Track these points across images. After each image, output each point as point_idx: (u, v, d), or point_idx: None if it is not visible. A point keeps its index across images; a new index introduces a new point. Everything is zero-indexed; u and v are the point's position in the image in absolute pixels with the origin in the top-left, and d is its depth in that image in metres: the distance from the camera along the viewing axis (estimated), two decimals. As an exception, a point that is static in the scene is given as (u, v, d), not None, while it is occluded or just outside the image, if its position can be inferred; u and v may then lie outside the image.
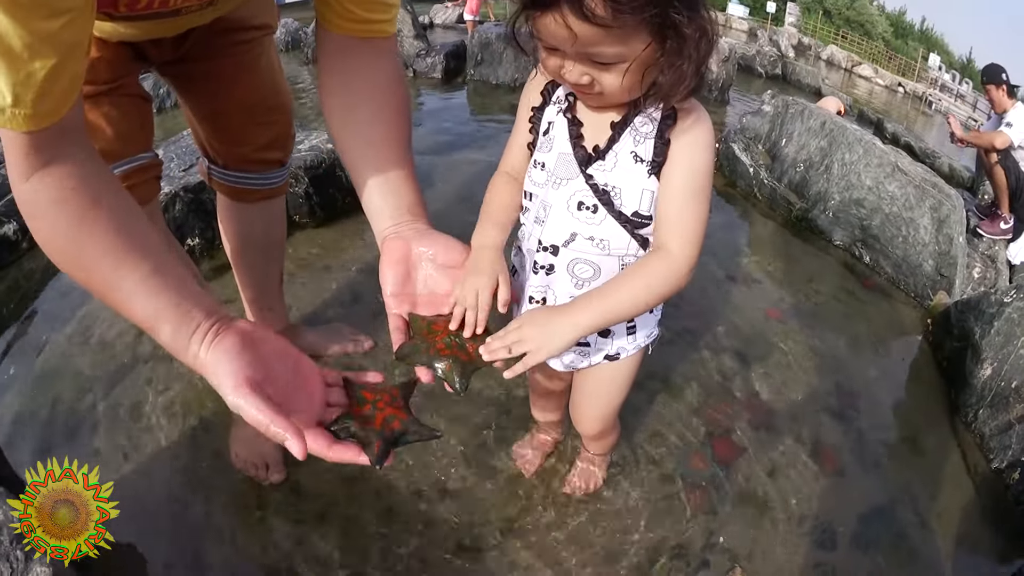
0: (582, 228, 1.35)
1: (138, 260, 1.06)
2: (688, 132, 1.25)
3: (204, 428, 2.21)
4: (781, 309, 3.10)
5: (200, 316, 1.06)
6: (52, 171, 1.02)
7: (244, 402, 0.96)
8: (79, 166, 1.05)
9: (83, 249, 1.05)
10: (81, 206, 1.05)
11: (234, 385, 0.98)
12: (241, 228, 2.13)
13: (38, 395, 2.36)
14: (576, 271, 1.40)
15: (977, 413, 2.57)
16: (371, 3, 1.39)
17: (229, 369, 1.00)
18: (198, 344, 1.04)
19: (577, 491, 2.05)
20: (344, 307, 2.77)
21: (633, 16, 1.00)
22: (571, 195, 1.34)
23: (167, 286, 1.07)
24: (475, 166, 4.26)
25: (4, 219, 3.24)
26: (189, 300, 1.07)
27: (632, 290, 1.26)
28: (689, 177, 1.26)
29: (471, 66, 6.72)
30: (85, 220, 1.04)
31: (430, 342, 1.23)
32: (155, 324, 1.06)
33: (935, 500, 2.30)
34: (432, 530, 1.93)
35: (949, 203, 3.52)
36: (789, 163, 4.32)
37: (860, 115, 11.58)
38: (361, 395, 1.16)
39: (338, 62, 1.43)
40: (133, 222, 1.10)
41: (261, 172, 2.02)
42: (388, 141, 1.41)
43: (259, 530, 1.92)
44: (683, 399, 2.46)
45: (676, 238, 1.26)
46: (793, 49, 23.00)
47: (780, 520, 2.08)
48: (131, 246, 1.07)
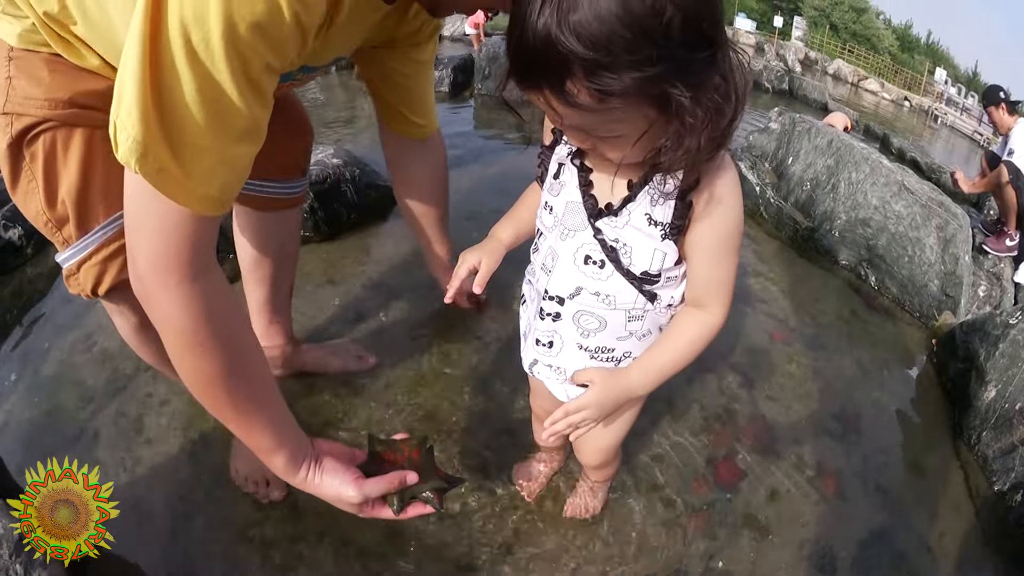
0: (588, 283, 1.33)
1: (271, 400, 1.31)
2: (714, 191, 1.17)
3: (204, 443, 2.22)
4: (786, 330, 3.10)
5: (307, 449, 1.36)
6: (216, 279, 1.15)
7: (370, 489, 1.36)
8: (227, 284, 1.19)
9: (233, 376, 1.20)
10: (241, 330, 1.23)
11: (356, 488, 1.35)
12: (258, 239, 2.12)
13: (40, 402, 2.37)
14: (581, 322, 1.40)
15: (980, 435, 2.57)
16: (416, 108, 2.00)
17: (344, 480, 1.35)
18: (306, 471, 1.35)
19: (578, 515, 2.04)
20: (348, 323, 2.77)
21: (623, 101, 0.92)
22: (578, 247, 1.32)
23: (288, 423, 1.34)
24: (480, 182, 4.26)
25: (9, 224, 3.24)
26: (297, 433, 1.35)
27: (676, 351, 1.36)
28: (721, 240, 1.23)
29: (478, 80, 6.72)
30: (244, 349, 1.22)
31: (377, 467, 1.43)
32: (271, 454, 1.31)
33: (936, 522, 2.29)
34: (431, 552, 1.93)
35: (955, 222, 3.51)
36: (796, 182, 4.32)
37: (866, 130, 11.56)
38: (383, 456, 1.45)
39: (402, 157, 2.16)
40: (260, 352, 1.30)
41: (281, 181, 2.03)
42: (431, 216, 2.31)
43: (257, 547, 1.93)
44: (686, 421, 2.45)
45: (712, 299, 1.31)
46: (800, 64, 23.05)
47: (780, 544, 2.08)
48: (267, 383, 1.30)
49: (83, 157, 1.41)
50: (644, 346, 1.42)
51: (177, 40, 0.92)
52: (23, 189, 1.44)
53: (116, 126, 0.97)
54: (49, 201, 1.43)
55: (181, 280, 1.07)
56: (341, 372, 2.49)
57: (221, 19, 0.91)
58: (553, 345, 1.48)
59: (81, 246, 1.49)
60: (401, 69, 1.87)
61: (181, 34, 0.91)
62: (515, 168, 4.64)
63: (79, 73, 1.39)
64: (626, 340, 1.42)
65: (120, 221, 1.46)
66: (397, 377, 2.50)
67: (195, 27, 0.91)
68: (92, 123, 1.41)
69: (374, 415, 2.33)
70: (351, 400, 2.38)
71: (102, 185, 1.45)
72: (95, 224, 1.47)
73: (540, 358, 1.54)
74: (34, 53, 1.36)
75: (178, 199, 1.02)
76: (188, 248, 1.06)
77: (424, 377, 2.51)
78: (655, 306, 1.35)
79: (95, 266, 1.50)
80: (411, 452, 1.46)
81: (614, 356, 1.45)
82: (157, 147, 0.96)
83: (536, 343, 1.51)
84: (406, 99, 1.99)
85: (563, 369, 1.52)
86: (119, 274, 1.51)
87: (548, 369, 1.55)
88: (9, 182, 1.44)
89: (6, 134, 1.37)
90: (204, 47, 0.93)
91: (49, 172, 1.41)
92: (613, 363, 1.46)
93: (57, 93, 1.36)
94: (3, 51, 1.36)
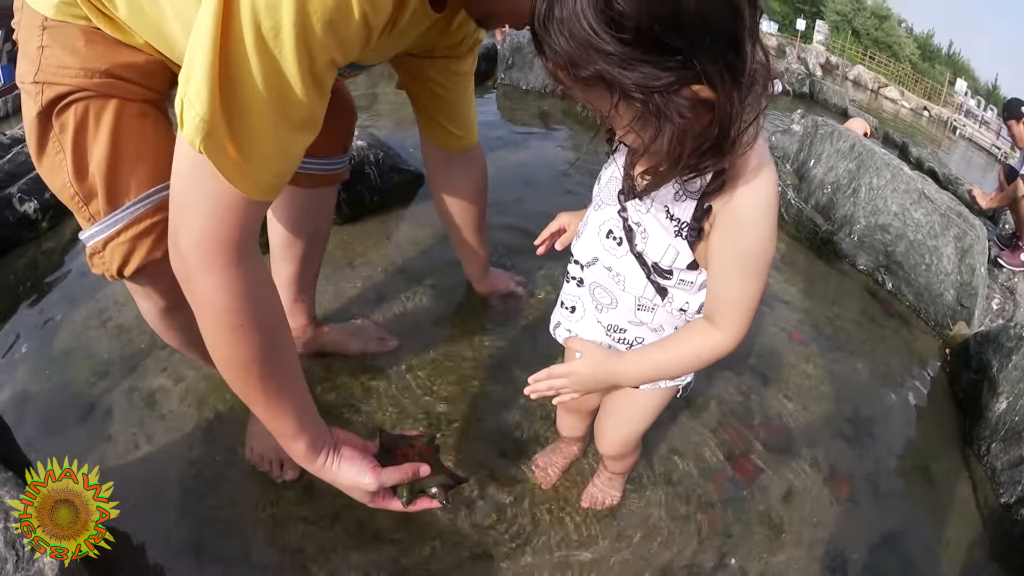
0: (604, 256, 1.37)
1: (298, 386, 1.34)
2: (739, 204, 1.12)
3: (219, 420, 2.21)
4: (803, 332, 3.11)
5: (326, 436, 1.40)
6: (258, 263, 1.17)
7: (387, 478, 1.40)
8: (268, 273, 1.22)
9: (266, 360, 1.22)
10: (277, 316, 1.25)
11: (374, 476, 1.39)
12: (293, 217, 2.12)
13: (51, 375, 2.37)
14: (596, 295, 1.44)
15: (990, 447, 2.57)
16: (455, 119, 2.06)
17: (361, 468, 1.40)
18: (325, 457, 1.39)
19: (594, 505, 2.06)
20: (368, 305, 2.77)
21: (584, 83, 0.95)
22: (604, 220, 1.35)
23: (311, 410, 1.37)
24: (503, 173, 4.23)
25: (25, 197, 3.26)
26: (318, 420, 1.39)
27: (679, 356, 1.33)
28: (740, 257, 1.17)
29: (501, 70, 6.69)
30: (278, 333, 1.24)
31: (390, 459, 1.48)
32: (292, 439, 1.34)
33: (943, 531, 2.30)
34: (446, 537, 1.94)
35: (973, 233, 3.51)
36: (817, 184, 4.31)
37: (885, 137, 11.50)
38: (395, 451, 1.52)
39: (441, 168, 2.26)
40: (293, 343, 1.33)
41: (324, 157, 2.03)
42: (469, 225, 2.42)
43: (270, 527, 1.93)
44: (703, 419, 2.47)
45: (723, 318, 1.24)
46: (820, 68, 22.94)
47: (793, 544, 2.09)
48: (295, 370, 1.33)
49: (115, 129, 1.39)
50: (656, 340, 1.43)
51: (248, 25, 0.93)
52: (50, 160, 1.40)
53: (183, 104, 0.98)
54: (78, 173, 1.39)
55: (228, 263, 1.09)
56: (361, 353, 2.49)
57: (293, 11, 0.94)
58: (575, 311, 1.53)
59: (109, 222, 1.44)
60: (439, 79, 1.91)
61: (252, 19, 0.93)
62: (538, 157, 4.65)
63: (118, 46, 1.38)
64: (639, 327, 1.44)
65: (152, 198, 1.44)
66: (417, 361, 2.50)
67: (266, 15, 0.93)
68: (127, 95, 1.40)
69: (393, 398, 2.33)
70: (370, 382, 2.38)
71: (133, 160, 1.42)
72: (125, 200, 1.42)
73: (563, 321, 1.59)
74: (71, 24, 1.34)
75: (234, 181, 1.04)
76: (237, 231, 1.08)
77: (444, 362, 2.52)
78: (665, 303, 1.36)
79: (123, 244, 1.45)
80: (421, 448, 1.53)
81: (626, 339, 1.47)
82: (220, 128, 0.98)
83: (561, 305, 1.57)
84: (444, 110, 2.02)
85: (580, 337, 1.55)
86: (148, 254, 1.46)
87: (568, 334, 1.58)
88: (35, 152, 1.41)
89: (36, 103, 1.34)
90: (274, 37, 0.95)
91: (79, 143, 1.38)
92: (625, 345, 1.48)
93: (94, 63, 1.34)
94: (36, 21, 1.34)
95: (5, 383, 2.35)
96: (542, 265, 3.06)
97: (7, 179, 3.39)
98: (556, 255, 1.68)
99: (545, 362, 1.61)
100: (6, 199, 3.24)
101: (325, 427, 1.41)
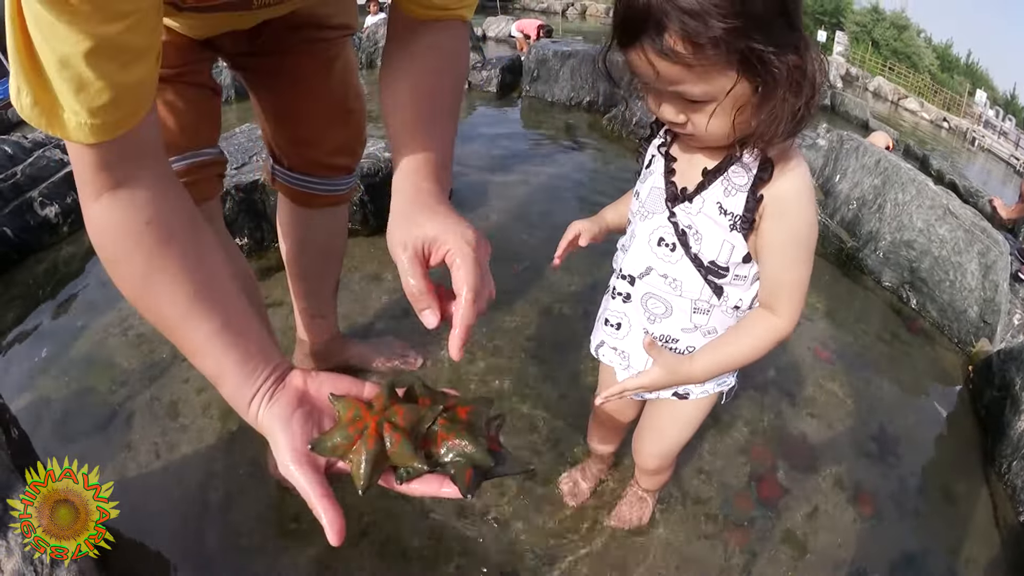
0: (658, 264, 1.39)
1: (208, 312, 1.02)
2: (786, 189, 1.22)
3: (243, 432, 2.21)
4: (829, 349, 3.11)
5: (262, 376, 1.02)
6: (125, 195, 0.98)
7: (293, 478, 0.90)
8: (155, 195, 1.01)
9: (151, 291, 1.02)
10: (155, 242, 1.00)
11: (288, 460, 0.91)
12: (301, 233, 2.11)
13: (70, 382, 2.38)
14: (649, 305, 1.45)
15: (1011, 465, 2.56)
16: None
17: (283, 439, 0.94)
18: (257, 404, 1.00)
19: (623, 524, 2.07)
20: (394, 320, 2.79)
21: (715, 53, 1.01)
22: (654, 229, 1.38)
23: (234, 344, 1.03)
24: (528, 185, 4.28)
25: (47, 202, 3.31)
26: (254, 359, 1.02)
27: (744, 346, 1.36)
28: (791, 240, 1.26)
29: (527, 82, 6.73)
30: (154, 259, 1.00)
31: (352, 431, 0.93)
32: (219, 381, 1.04)
33: (964, 550, 2.30)
34: (472, 554, 1.94)
35: (997, 249, 3.50)
36: (842, 200, 4.32)
37: (906, 150, 11.48)
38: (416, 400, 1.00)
39: (406, 35, 1.33)
40: (208, 265, 1.06)
41: (327, 177, 1.98)
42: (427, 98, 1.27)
43: (294, 543, 1.93)
44: (730, 436, 2.48)
45: (782, 304, 1.31)
46: (841, 79, 22.89)
47: (817, 563, 2.10)
48: (202, 295, 1.03)
49: None
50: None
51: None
52: None
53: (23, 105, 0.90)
54: None
55: (85, 199, 0.98)
56: (386, 371, 2.49)
57: None
58: (621, 327, 1.54)
59: None
60: None
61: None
62: (563, 169, 4.67)
63: None
64: (691, 333, 1.45)
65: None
66: (441, 379, 2.50)
67: None
68: None
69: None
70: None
71: None
72: None
73: (607, 339, 1.60)
74: None
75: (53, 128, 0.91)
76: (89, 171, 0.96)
77: (469, 381, 2.52)
78: (721, 302, 1.39)
79: None
80: (457, 407, 0.98)
81: (677, 348, 1.48)
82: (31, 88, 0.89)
83: (605, 323, 1.57)
84: None
85: (627, 354, 1.57)
86: None
87: (612, 352, 1.60)
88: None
89: None
90: None
91: None
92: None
93: None
94: None
95: (24, 389, 2.36)
96: (571, 282, 3.05)
97: (29, 183, 3.44)
98: (584, 268, 1.68)
99: (574, 382, 1.63)
100: (27, 203, 3.28)
101: (269, 367, 1.02)
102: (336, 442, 0.92)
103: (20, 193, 3.39)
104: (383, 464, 0.90)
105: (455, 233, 1.01)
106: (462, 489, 0.89)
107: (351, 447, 0.91)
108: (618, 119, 5.84)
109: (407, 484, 0.91)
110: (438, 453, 0.91)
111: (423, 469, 0.90)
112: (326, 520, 0.86)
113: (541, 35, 13.15)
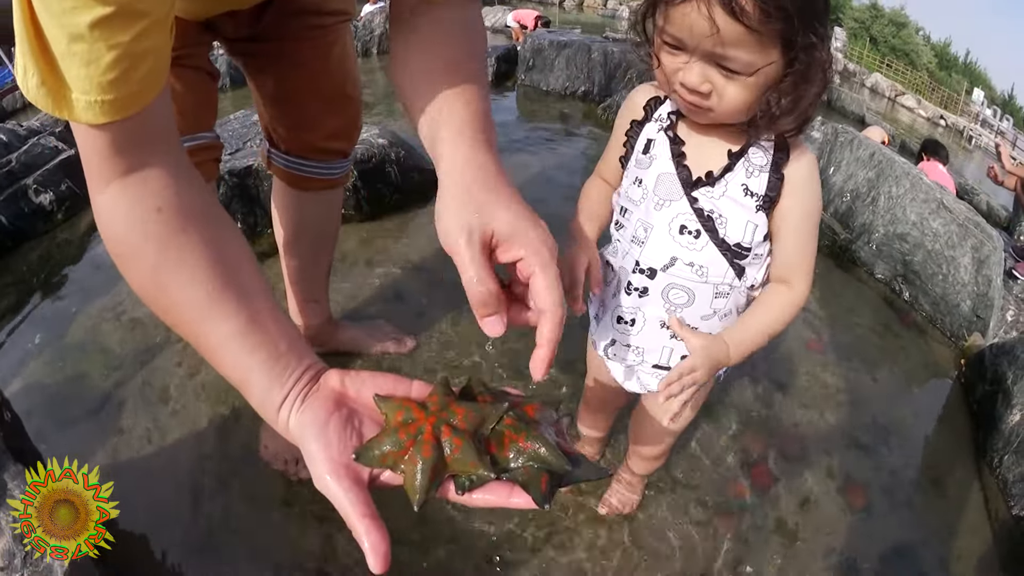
0: (683, 253, 1.36)
1: (230, 309, 0.93)
2: (802, 168, 1.29)
3: (234, 416, 2.21)
4: (821, 340, 3.12)
5: (292, 377, 0.92)
6: (136, 183, 0.91)
7: (330, 493, 0.82)
8: (168, 183, 0.93)
9: (165, 288, 0.93)
10: (168, 233, 0.92)
11: (325, 471, 0.82)
12: (296, 216, 2.11)
13: (64, 368, 2.38)
14: (670, 296, 1.42)
15: (1003, 459, 2.56)
16: None
17: (317, 448, 0.83)
18: (288, 409, 0.90)
19: (613, 511, 2.07)
20: (386, 304, 2.79)
21: (778, 27, 1.05)
22: (673, 217, 1.35)
23: (261, 343, 0.93)
24: (525, 172, 4.28)
25: (41, 189, 3.32)
26: (284, 358, 0.93)
27: (769, 321, 1.38)
28: (806, 216, 1.32)
29: (522, 71, 6.73)
30: (169, 251, 0.92)
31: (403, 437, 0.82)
32: (245, 387, 0.94)
33: (954, 543, 2.30)
34: (463, 540, 1.94)
35: (990, 244, 3.51)
36: (836, 192, 4.32)
37: (902, 146, 11.49)
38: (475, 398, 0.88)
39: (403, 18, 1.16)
40: (229, 257, 0.97)
41: (323, 161, 2.00)
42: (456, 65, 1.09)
43: (284, 526, 1.93)
44: (721, 426, 2.48)
45: (798, 276, 1.35)
46: (838, 75, 22.86)
47: (807, 552, 2.10)
48: (223, 290, 0.93)
49: None
50: (724, 327, 1.45)
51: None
52: None
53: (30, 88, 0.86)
54: None
55: (94, 190, 0.92)
56: (379, 354, 2.49)
57: None
58: (635, 323, 1.50)
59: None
60: None
61: None
62: (559, 158, 4.67)
63: None
64: (709, 319, 1.44)
65: None
66: (434, 363, 2.51)
67: None
68: None
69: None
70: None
71: None
72: None
73: (619, 337, 1.55)
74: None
75: (60, 110, 0.86)
76: (95, 158, 0.91)
77: (462, 364, 2.53)
78: (741, 283, 1.39)
79: None
80: (525, 405, 0.87)
81: None
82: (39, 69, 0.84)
83: (617, 321, 1.52)
84: None
85: (641, 349, 1.54)
86: None
87: (625, 349, 1.55)
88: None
89: None
90: None
91: None
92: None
93: None
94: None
95: (18, 374, 2.36)
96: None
97: (23, 170, 3.46)
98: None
99: (565, 366, 1.60)
100: (22, 190, 3.29)
101: (301, 369, 0.93)
102: (385, 450, 0.81)
103: (15, 180, 3.41)
104: (442, 473, 0.80)
105: (533, 238, 0.88)
106: (537, 499, 0.79)
107: (403, 455, 0.81)
108: (613, 109, 5.80)
109: (469, 494, 0.81)
110: (505, 458, 0.81)
111: (489, 477, 0.79)
112: (368, 544, 0.76)
113: (539, 25, 13.13)
